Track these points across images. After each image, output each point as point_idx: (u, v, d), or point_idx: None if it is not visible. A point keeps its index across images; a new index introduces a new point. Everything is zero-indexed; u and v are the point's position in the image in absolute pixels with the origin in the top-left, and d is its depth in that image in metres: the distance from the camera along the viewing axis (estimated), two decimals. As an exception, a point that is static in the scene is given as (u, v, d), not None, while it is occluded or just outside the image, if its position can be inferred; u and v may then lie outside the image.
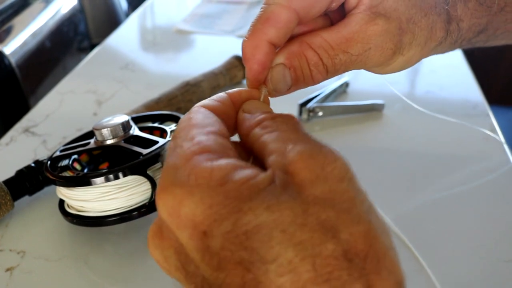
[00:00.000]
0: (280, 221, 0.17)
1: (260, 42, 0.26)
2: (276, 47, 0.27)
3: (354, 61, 0.28)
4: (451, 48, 0.32)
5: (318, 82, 0.28)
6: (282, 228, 0.17)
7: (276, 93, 0.27)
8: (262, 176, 0.19)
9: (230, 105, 0.25)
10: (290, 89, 0.27)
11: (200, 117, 0.22)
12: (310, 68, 0.27)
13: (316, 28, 0.29)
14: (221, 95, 0.25)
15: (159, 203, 0.20)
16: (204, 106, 0.24)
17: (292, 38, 0.28)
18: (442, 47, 0.31)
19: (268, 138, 0.21)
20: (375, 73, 0.31)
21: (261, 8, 0.27)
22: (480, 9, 0.31)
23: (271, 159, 0.20)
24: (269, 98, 0.27)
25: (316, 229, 0.17)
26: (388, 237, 0.19)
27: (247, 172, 0.19)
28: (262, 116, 0.23)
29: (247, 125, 0.23)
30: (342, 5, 0.28)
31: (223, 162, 0.19)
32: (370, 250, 0.17)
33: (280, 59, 0.27)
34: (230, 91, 0.25)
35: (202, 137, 0.21)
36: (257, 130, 0.22)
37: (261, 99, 0.26)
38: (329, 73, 0.28)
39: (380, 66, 0.30)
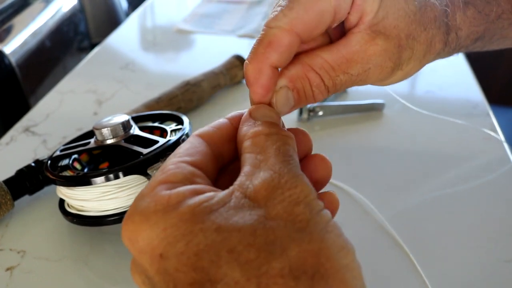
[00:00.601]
0: (228, 241, 0.18)
1: (263, 66, 0.26)
2: (278, 68, 0.27)
3: (354, 80, 0.28)
4: (448, 55, 0.32)
5: (319, 101, 0.29)
6: (229, 248, 0.18)
7: (280, 114, 0.28)
8: (217, 197, 0.20)
9: (229, 128, 0.25)
10: (291, 109, 0.28)
11: (186, 147, 0.23)
12: (312, 89, 0.28)
13: (315, 45, 0.29)
14: (220, 121, 0.26)
15: (123, 231, 0.20)
16: (198, 135, 0.25)
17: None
18: (440, 56, 0.31)
19: (248, 159, 0.22)
20: (373, 85, 0.31)
21: (263, 31, 0.27)
22: (478, 17, 0.31)
23: (239, 180, 0.21)
24: None
25: (263, 249, 0.18)
26: (348, 257, 0.19)
27: (203, 195, 0.20)
28: (259, 129, 0.23)
29: (243, 133, 0.24)
30: (342, 22, 0.28)
31: (181, 189, 0.20)
32: (319, 268, 0.18)
33: (284, 82, 0.27)
34: (230, 115, 0.26)
35: (171, 166, 0.22)
36: (247, 144, 0.23)
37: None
38: (329, 92, 0.28)
39: (379, 82, 0.30)
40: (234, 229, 0.18)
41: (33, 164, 0.47)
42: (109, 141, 0.44)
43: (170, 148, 0.41)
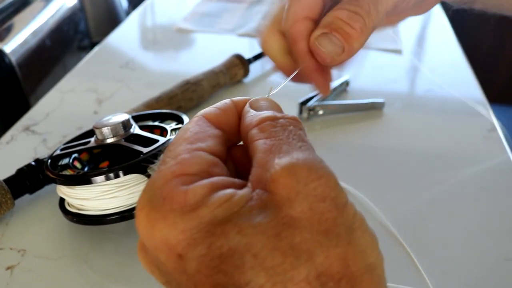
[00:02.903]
0: (251, 246, 0.17)
1: (299, 20, 0.29)
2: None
3: None
4: None
5: (363, 31, 0.29)
6: (254, 253, 0.17)
7: (332, 56, 0.29)
8: (239, 196, 0.18)
9: (234, 113, 0.24)
10: (344, 51, 0.29)
11: (195, 130, 0.22)
12: (345, 21, 0.29)
13: None
14: (225, 102, 0.24)
15: (136, 222, 0.20)
16: (205, 116, 0.23)
17: None
18: None
19: (258, 146, 0.20)
20: (413, 14, 0.33)
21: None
22: None
23: (254, 173, 0.19)
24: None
25: (289, 253, 0.17)
26: (373, 254, 0.18)
27: (222, 193, 0.18)
28: (265, 115, 0.22)
29: (247, 122, 0.22)
30: None
31: (199, 185, 0.19)
32: (346, 272, 0.17)
33: (319, 31, 0.29)
34: (235, 99, 0.25)
35: (186, 155, 0.20)
36: (254, 132, 0.21)
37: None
38: (363, 17, 0.29)
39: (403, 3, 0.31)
40: (258, 232, 0.17)
41: (33, 163, 0.47)
42: (109, 140, 0.44)
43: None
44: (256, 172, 0.19)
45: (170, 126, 0.47)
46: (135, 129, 0.45)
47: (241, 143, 0.24)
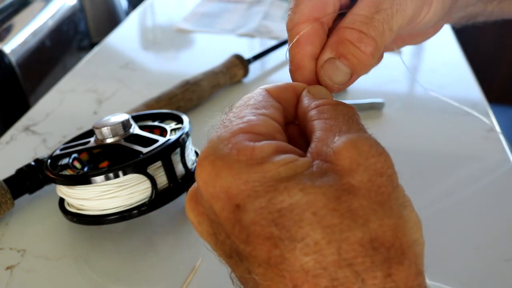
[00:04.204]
0: (312, 204, 0.18)
1: (304, 63, 0.27)
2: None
3: (391, 14, 0.27)
4: (474, 10, 0.32)
5: (374, 56, 0.27)
6: (314, 211, 0.18)
7: (339, 85, 0.28)
8: (301, 161, 0.19)
9: (294, 93, 0.25)
10: (352, 77, 0.28)
11: (258, 99, 0.23)
12: (356, 45, 0.27)
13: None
14: (285, 82, 0.26)
15: (198, 170, 0.20)
16: (267, 90, 0.24)
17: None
18: (455, 10, 0.31)
19: (318, 124, 0.22)
20: (416, 42, 0.32)
21: (288, 36, 0.28)
22: None
23: (314, 146, 0.20)
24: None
25: (347, 216, 0.18)
26: (418, 232, 0.20)
27: (286, 156, 0.19)
28: (324, 100, 0.23)
29: (305, 105, 0.24)
30: None
31: (266, 143, 0.20)
32: (395, 242, 0.18)
33: (326, 55, 0.27)
34: (294, 83, 0.26)
35: (252, 117, 0.21)
36: (313, 113, 0.22)
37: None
38: (375, 40, 0.27)
39: (414, 19, 0.29)
40: (319, 192, 0.18)
41: (33, 163, 0.47)
42: (109, 140, 0.44)
43: (170, 147, 0.41)
44: (316, 145, 0.20)
45: (170, 126, 0.47)
46: (135, 129, 0.45)
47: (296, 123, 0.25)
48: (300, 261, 0.17)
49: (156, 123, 0.49)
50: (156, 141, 0.42)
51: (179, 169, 0.43)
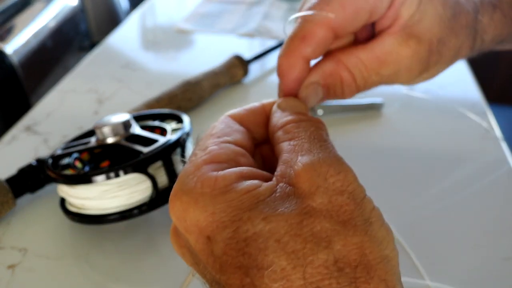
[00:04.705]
0: (275, 231, 0.18)
1: (296, 60, 0.27)
2: (310, 61, 0.28)
3: (384, 81, 0.29)
4: (470, 55, 0.32)
5: (347, 98, 0.29)
6: (277, 238, 0.18)
7: (307, 106, 0.28)
8: (264, 187, 0.20)
9: (261, 113, 0.26)
10: (318, 102, 0.28)
11: (221, 127, 0.24)
12: (342, 88, 0.28)
13: (343, 43, 0.29)
14: (254, 104, 0.26)
15: (170, 207, 0.21)
16: (230, 116, 0.25)
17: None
18: (464, 58, 0.32)
19: (284, 146, 0.22)
20: (396, 85, 0.32)
21: (298, 24, 0.27)
22: (504, 21, 0.31)
23: (279, 169, 0.21)
24: None
25: (309, 240, 0.18)
26: (388, 247, 0.19)
27: (249, 182, 0.20)
28: (288, 118, 0.24)
29: (273, 124, 0.24)
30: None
31: (228, 172, 0.20)
32: (362, 260, 0.18)
33: (315, 77, 0.27)
34: (265, 101, 0.26)
35: (214, 147, 0.22)
36: (279, 134, 0.23)
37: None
38: (358, 91, 0.29)
39: (404, 83, 0.30)
40: (281, 219, 0.18)
41: (34, 163, 0.48)
42: (109, 140, 0.44)
43: (171, 147, 0.41)
44: (281, 168, 0.21)
45: (170, 126, 0.47)
46: (136, 129, 0.45)
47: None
48: None
49: (156, 123, 0.49)
50: (157, 141, 0.42)
51: (180, 169, 0.43)
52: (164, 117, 0.50)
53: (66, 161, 0.46)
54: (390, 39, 0.27)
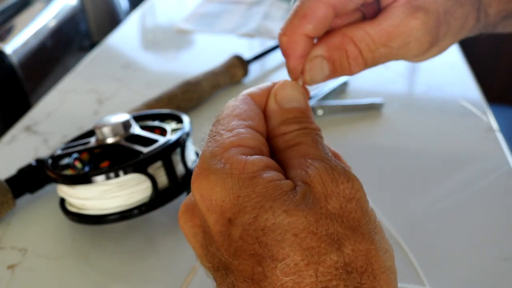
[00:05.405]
0: (294, 226, 0.18)
1: (298, 37, 0.27)
2: (314, 38, 0.28)
3: (394, 54, 0.28)
4: (478, 32, 0.32)
5: (355, 74, 0.29)
6: (295, 232, 0.18)
7: (313, 82, 0.28)
8: (286, 181, 0.20)
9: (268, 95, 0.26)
10: (325, 79, 0.28)
11: (244, 108, 0.24)
12: (349, 61, 0.28)
13: (350, 21, 0.29)
14: (267, 84, 0.26)
15: (194, 185, 0.21)
16: (250, 95, 0.25)
17: (330, 30, 0.28)
18: (471, 33, 0.31)
19: (290, 154, 0.22)
20: (409, 62, 0.32)
21: (298, 2, 0.27)
22: None
23: (293, 173, 0.21)
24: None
25: (324, 240, 0.18)
26: (390, 260, 0.20)
27: (274, 173, 0.20)
28: (290, 128, 0.24)
29: (272, 125, 0.24)
30: None
31: (257, 158, 0.21)
32: (368, 267, 0.19)
33: (320, 51, 0.27)
34: (277, 81, 0.26)
35: (241, 130, 0.22)
36: (281, 142, 0.23)
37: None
38: (367, 66, 0.28)
39: (415, 57, 0.30)
40: (301, 215, 0.19)
41: (34, 163, 0.48)
42: (109, 140, 0.44)
43: (171, 147, 0.41)
44: (295, 173, 0.21)
45: (170, 126, 0.47)
46: (135, 129, 0.45)
47: None
48: (280, 281, 0.18)
49: (156, 123, 0.49)
50: (157, 141, 0.42)
51: (179, 169, 0.43)
52: (164, 117, 0.50)
53: (66, 161, 0.46)
54: (397, 12, 0.27)
